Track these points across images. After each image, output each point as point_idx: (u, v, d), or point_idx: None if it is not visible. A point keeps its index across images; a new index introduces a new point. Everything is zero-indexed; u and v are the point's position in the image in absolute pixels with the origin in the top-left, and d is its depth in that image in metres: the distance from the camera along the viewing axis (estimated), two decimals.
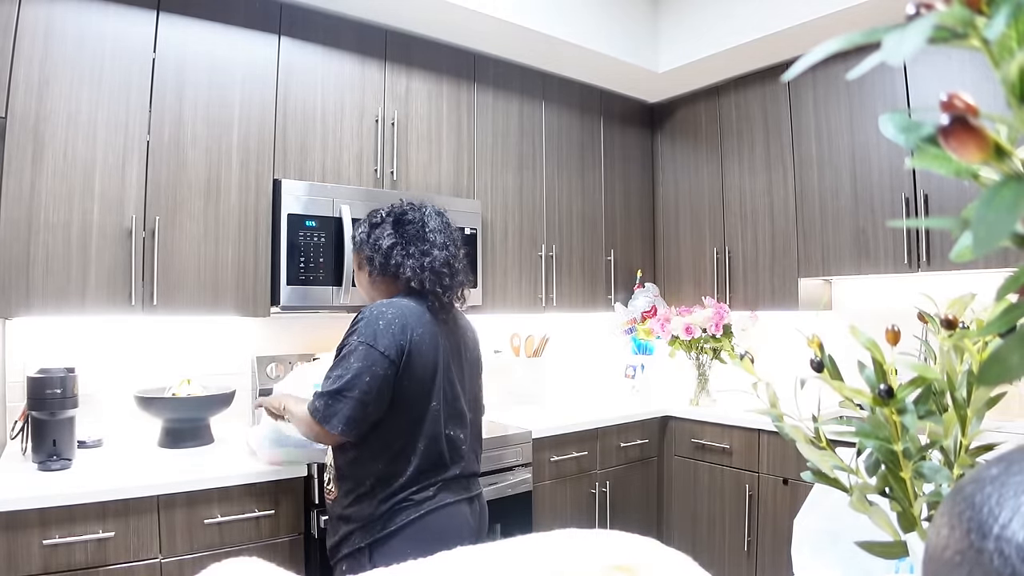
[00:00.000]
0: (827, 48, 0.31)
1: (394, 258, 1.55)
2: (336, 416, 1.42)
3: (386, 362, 1.43)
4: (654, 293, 3.31)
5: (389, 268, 1.56)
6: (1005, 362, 0.28)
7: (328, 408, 1.42)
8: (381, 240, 1.57)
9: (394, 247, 1.56)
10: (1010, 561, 0.25)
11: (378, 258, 1.57)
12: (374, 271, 1.58)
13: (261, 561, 0.46)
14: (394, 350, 1.45)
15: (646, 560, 0.42)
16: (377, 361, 1.43)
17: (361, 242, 1.62)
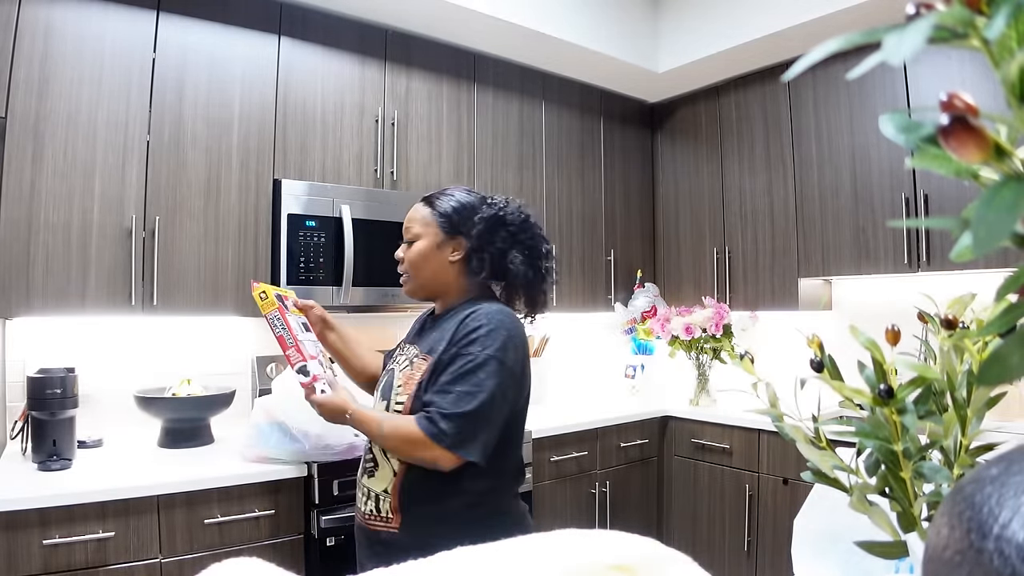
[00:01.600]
0: (827, 48, 0.31)
1: (513, 263, 1.39)
2: (474, 443, 1.26)
3: (513, 379, 1.32)
4: (654, 293, 3.31)
5: (499, 271, 1.40)
6: (1005, 362, 0.28)
7: (463, 432, 1.25)
8: (497, 239, 1.40)
9: (513, 251, 1.40)
10: (1010, 561, 0.25)
11: (489, 256, 1.39)
12: (477, 267, 1.40)
13: (261, 561, 0.46)
14: (519, 366, 1.34)
15: (646, 560, 0.42)
16: (507, 379, 1.30)
17: (478, 235, 1.39)
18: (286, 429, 1.86)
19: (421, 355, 1.39)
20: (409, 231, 1.45)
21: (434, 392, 1.30)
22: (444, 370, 1.31)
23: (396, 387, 1.38)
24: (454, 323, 1.36)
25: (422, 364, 1.36)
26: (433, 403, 1.28)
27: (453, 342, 1.32)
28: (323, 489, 1.89)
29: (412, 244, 1.44)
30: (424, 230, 1.43)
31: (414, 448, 1.28)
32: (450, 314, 1.42)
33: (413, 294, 1.47)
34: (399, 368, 1.41)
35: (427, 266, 1.43)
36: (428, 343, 1.40)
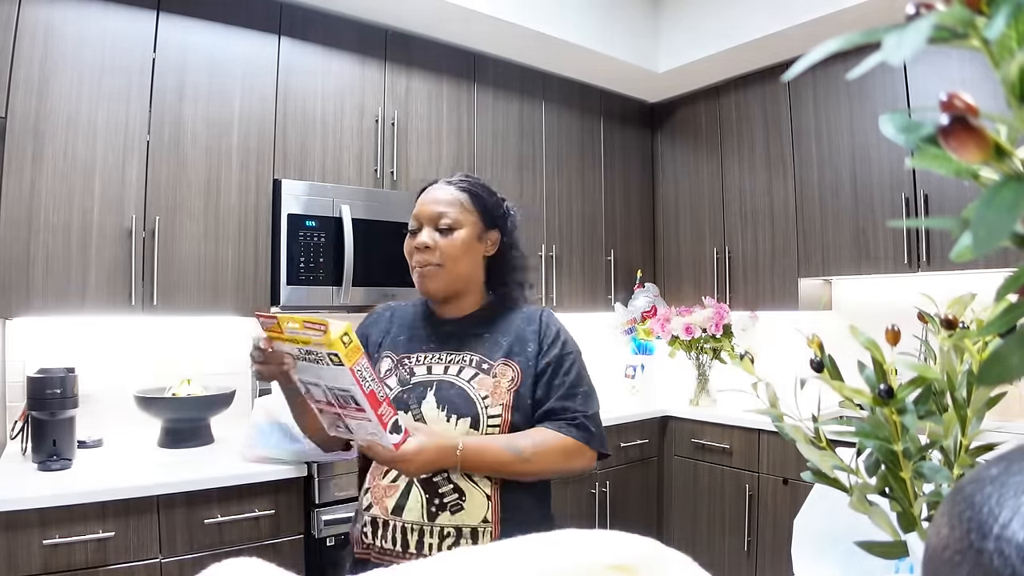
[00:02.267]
0: (827, 48, 0.31)
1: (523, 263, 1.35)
2: (606, 439, 1.26)
3: None
4: (654, 293, 3.31)
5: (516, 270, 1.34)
6: (1005, 362, 0.28)
7: (600, 430, 1.25)
8: (517, 237, 1.34)
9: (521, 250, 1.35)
10: (1010, 561, 0.25)
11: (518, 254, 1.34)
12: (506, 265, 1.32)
13: (261, 561, 0.46)
14: None
15: (646, 560, 0.42)
16: None
17: (509, 230, 1.32)
18: (286, 429, 1.86)
19: (494, 361, 1.22)
20: (445, 216, 1.24)
21: (558, 397, 1.22)
22: (553, 373, 1.23)
23: (481, 398, 1.18)
24: (523, 323, 1.27)
25: (505, 371, 1.21)
26: (567, 408, 1.21)
27: (545, 343, 1.25)
28: (323, 489, 1.90)
29: (447, 232, 1.24)
30: (464, 217, 1.25)
31: (570, 459, 1.21)
32: (492, 314, 1.30)
33: (439, 291, 1.25)
34: (463, 379, 1.20)
35: (466, 259, 1.26)
36: (486, 347, 1.24)
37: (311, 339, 0.94)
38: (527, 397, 1.21)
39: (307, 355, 0.98)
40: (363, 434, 1.05)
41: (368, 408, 0.99)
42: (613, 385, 3.31)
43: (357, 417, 1.01)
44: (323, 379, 1.00)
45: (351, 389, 0.97)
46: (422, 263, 1.24)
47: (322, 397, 1.04)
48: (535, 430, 1.19)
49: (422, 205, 1.27)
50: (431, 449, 1.08)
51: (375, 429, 1.01)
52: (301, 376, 1.04)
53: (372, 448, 1.06)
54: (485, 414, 1.17)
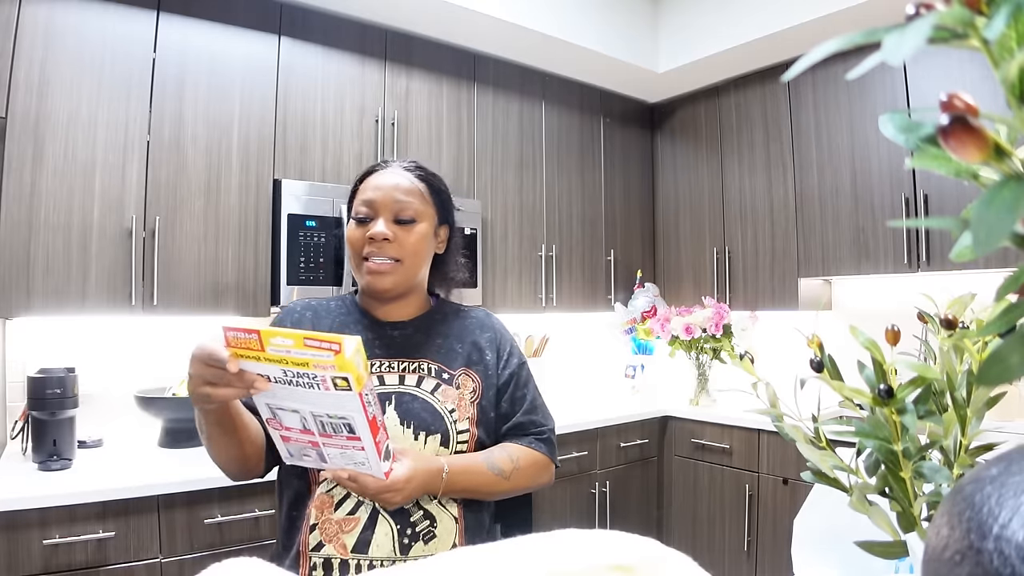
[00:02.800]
0: (827, 48, 0.31)
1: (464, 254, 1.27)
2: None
3: None
4: (654, 293, 3.31)
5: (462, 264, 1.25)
6: (1005, 362, 0.28)
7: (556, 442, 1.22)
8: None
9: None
10: (1010, 561, 0.25)
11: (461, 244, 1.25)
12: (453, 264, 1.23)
13: (261, 561, 0.46)
14: None
15: (646, 560, 0.42)
16: None
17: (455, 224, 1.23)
18: None
19: (454, 370, 1.12)
20: (408, 208, 1.11)
21: (524, 411, 1.16)
22: (515, 385, 1.17)
23: (448, 412, 1.08)
24: (475, 328, 1.18)
25: (467, 381, 1.12)
26: (534, 422, 1.17)
27: (504, 352, 1.17)
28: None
29: (408, 224, 1.11)
30: (424, 209, 1.14)
31: (540, 476, 1.17)
32: (442, 318, 1.19)
33: (392, 290, 1.11)
34: (424, 390, 1.09)
35: (425, 256, 1.15)
36: (443, 355, 1.13)
37: (310, 360, 0.78)
38: (490, 410, 1.14)
39: (295, 378, 0.81)
40: (343, 463, 0.91)
41: (367, 436, 0.86)
42: (613, 385, 3.31)
43: (345, 446, 0.88)
44: (309, 405, 0.85)
45: (351, 416, 0.84)
46: (376, 256, 1.09)
47: (295, 424, 0.89)
48: (508, 446, 1.13)
49: (378, 191, 1.11)
50: (421, 474, 0.97)
51: (367, 458, 0.89)
52: (271, 401, 0.87)
53: (356, 479, 0.91)
54: (454, 429, 1.07)
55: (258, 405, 0.90)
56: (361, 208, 1.12)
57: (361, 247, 1.10)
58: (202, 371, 0.85)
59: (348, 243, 1.12)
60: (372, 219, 1.10)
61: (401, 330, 1.14)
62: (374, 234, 1.08)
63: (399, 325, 1.15)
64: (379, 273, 1.09)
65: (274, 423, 0.91)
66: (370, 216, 1.11)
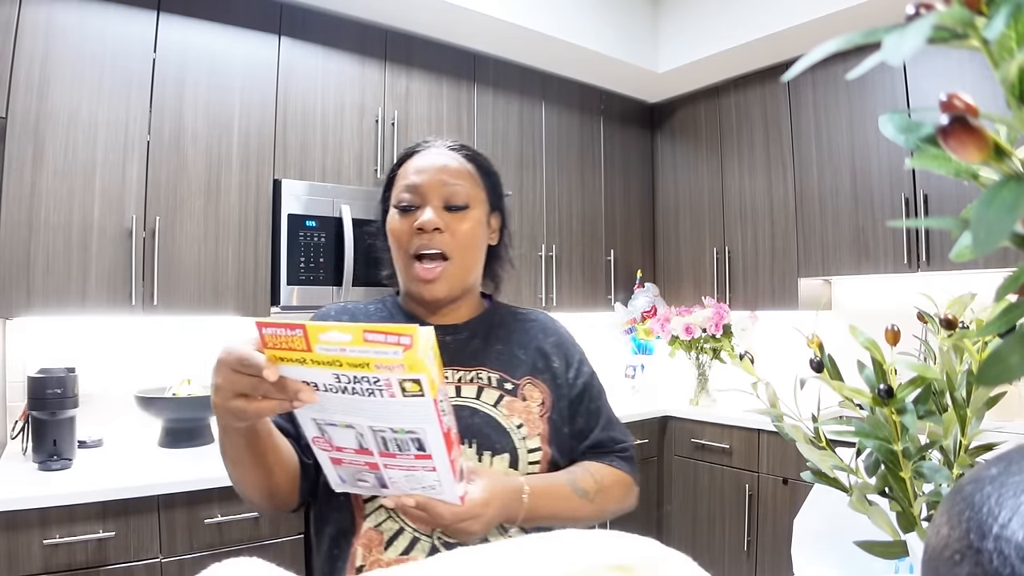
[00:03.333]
0: (827, 48, 0.31)
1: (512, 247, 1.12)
2: None
3: None
4: (654, 293, 3.31)
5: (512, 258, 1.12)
6: (1005, 362, 0.28)
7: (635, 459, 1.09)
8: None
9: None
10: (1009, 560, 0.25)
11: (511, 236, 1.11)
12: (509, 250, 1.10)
13: (261, 561, 0.46)
14: None
15: (646, 560, 0.42)
16: None
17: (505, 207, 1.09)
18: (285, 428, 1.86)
19: (518, 380, 0.97)
20: (459, 192, 0.95)
21: (602, 427, 1.03)
22: (589, 397, 1.03)
23: (516, 427, 0.93)
24: (537, 332, 1.04)
25: (533, 392, 0.97)
26: (615, 439, 1.03)
27: (573, 359, 1.04)
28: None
29: (459, 211, 0.95)
30: (476, 194, 0.99)
31: (626, 498, 1.02)
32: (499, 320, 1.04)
33: (450, 294, 0.96)
34: (486, 403, 0.94)
35: (478, 250, 1.00)
36: (504, 362, 0.99)
37: (371, 360, 0.61)
38: (562, 425, 0.98)
39: (351, 384, 0.64)
40: (408, 488, 0.75)
41: (440, 454, 0.69)
42: (613, 385, 3.31)
43: (413, 467, 0.72)
44: (368, 418, 0.68)
45: (422, 429, 0.67)
46: (427, 251, 0.93)
47: (349, 443, 0.72)
48: (588, 464, 0.98)
49: (423, 174, 0.95)
50: (499, 497, 0.80)
51: (438, 479, 0.72)
52: (319, 415, 0.70)
53: (426, 507, 0.74)
54: (524, 447, 0.92)
55: (302, 421, 0.72)
56: (404, 195, 0.95)
57: (407, 240, 0.94)
58: (232, 380, 0.66)
59: (392, 236, 0.97)
60: (418, 207, 0.94)
61: (455, 335, 0.99)
62: (423, 223, 0.92)
63: (452, 329, 0.99)
64: (430, 281, 0.93)
65: (322, 442, 0.74)
66: (415, 203, 0.94)
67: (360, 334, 0.61)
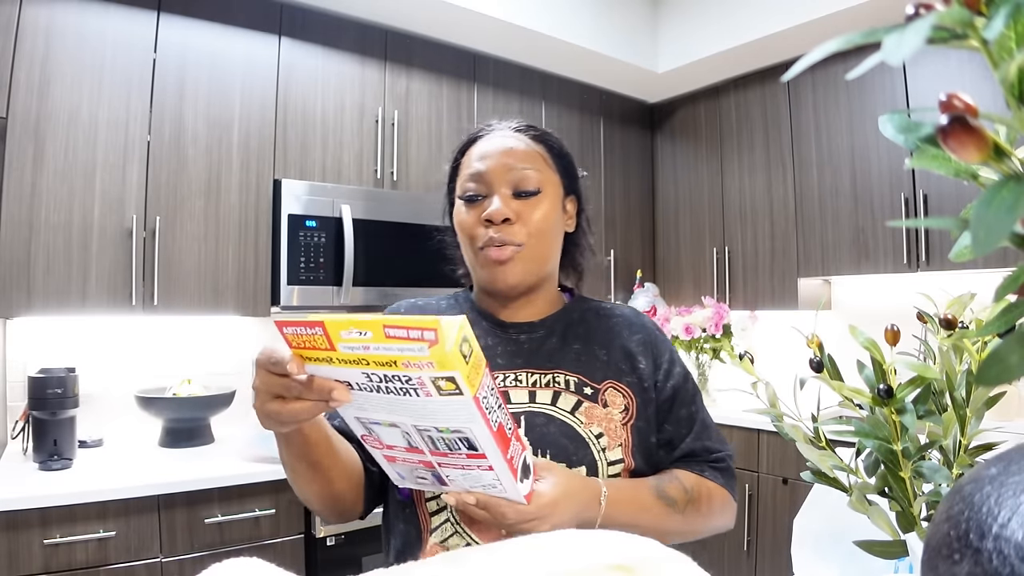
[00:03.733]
0: (826, 48, 0.31)
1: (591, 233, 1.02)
2: None
3: None
4: (654, 293, 3.31)
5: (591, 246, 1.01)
6: (1004, 362, 0.28)
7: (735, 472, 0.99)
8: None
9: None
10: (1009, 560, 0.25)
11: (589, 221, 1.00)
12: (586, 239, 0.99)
13: (261, 561, 0.46)
14: None
15: (646, 560, 0.42)
16: None
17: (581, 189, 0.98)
18: None
19: (598, 384, 0.88)
20: (529, 177, 0.87)
21: (695, 435, 0.93)
22: (680, 401, 0.94)
23: (595, 437, 0.84)
24: (623, 329, 0.94)
25: (615, 398, 0.88)
26: (709, 449, 0.94)
27: (662, 360, 0.94)
28: None
29: (530, 198, 0.87)
30: (548, 177, 0.90)
31: (721, 515, 0.92)
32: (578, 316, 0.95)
33: (524, 280, 0.88)
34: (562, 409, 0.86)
35: (553, 238, 0.91)
36: (583, 364, 0.90)
37: (397, 357, 0.55)
38: (649, 434, 0.89)
39: (383, 383, 0.59)
40: (468, 486, 0.69)
41: (494, 452, 0.63)
42: None
43: (468, 466, 0.66)
44: (409, 417, 0.62)
45: (469, 428, 0.61)
46: (499, 243, 0.85)
47: (398, 441, 0.67)
48: (679, 473, 0.89)
49: (488, 160, 0.88)
50: (573, 497, 0.72)
51: (498, 478, 0.66)
52: (361, 414, 0.66)
53: (487, 506, 0.68)
54: (604, 459, 0.83)
55: (348, 421, 0.68)
56: (469, 185, 0.88)
57: (476, 233, 0.87)
58: (266, 381, 0.62)
59: (459, 229, 0.90)
60: (485, 196, 0.87)
61: (529, 334, 0.92)
62: (491, 214, 0.85)
63: (527, 327, 0.92)
64: (501, 263, 0.85)
65: (372, 440, 0.70)
66: (482, 193, 0.87)
67: (380, 330, 0.55)
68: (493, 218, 0.85)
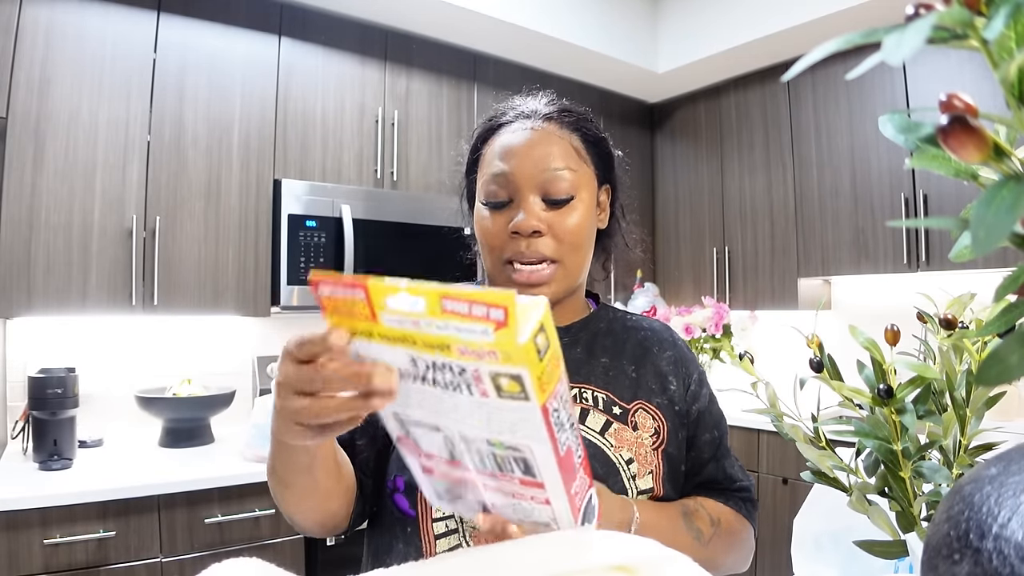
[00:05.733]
0: (826, 48, 0.31)
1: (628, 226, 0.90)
2: None
3: None
4: (654, 293, 3.31)
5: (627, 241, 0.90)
6: (1004, 362, 0.28)
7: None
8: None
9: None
10: (1008, 560, 0.25)
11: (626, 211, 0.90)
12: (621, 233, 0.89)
13: (261, 561, 0.46)
14: None
15: (646, 560, 0.42)
16: None
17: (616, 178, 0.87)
18: None
19: (627, 404, 0.80)
20: (561, 181, 0.76)
21: (715, 459, 0.85)
22: (704, 425, 0.85)
23: (625, 462, 0.76)
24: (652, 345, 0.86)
25: (646, 420, 0.80)
26: (733, 477, 0.87)
27: (691, 382, 0.86)
28: None
29: (562, 205, 0.77)
30: (582, 173, 0.79)
31: (741, 548, 0.88)
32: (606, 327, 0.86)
33: (555, 294, 0.79)
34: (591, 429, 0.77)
35: (590, 244, 0.82)
36: (611, 380, 0.81)
37: (453, 340, 0.41)
38: (679, 462, 0.82)
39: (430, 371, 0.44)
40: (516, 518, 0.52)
41: (556, 482, 0.47)
42: None
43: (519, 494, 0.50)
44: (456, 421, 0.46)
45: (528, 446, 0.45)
46: (528, 260, 0.75)
47: (438, 450, 0.51)
48: (703, 500, 0.83)
49: (514, 159, 0.76)
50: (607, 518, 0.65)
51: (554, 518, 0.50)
52: (402, 409, 0.49)
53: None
54: (634, 488, 0.76)
55: (383, 417, 0.51)
56: (492, 188, 0.77)
57: (501, 243, 0.77)
58: (292, 374, 0.46)
59: (481, 236, 0.80)
60: (511, 201, 0.77)
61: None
62: (519, 225, 0.74)
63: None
64: (534, 286, 0.76)
65: (409, 444, 0.53)
66: (507, 198, 0.77)
67: (437, 301, 0.40)
68: (521, 230, 0.74)
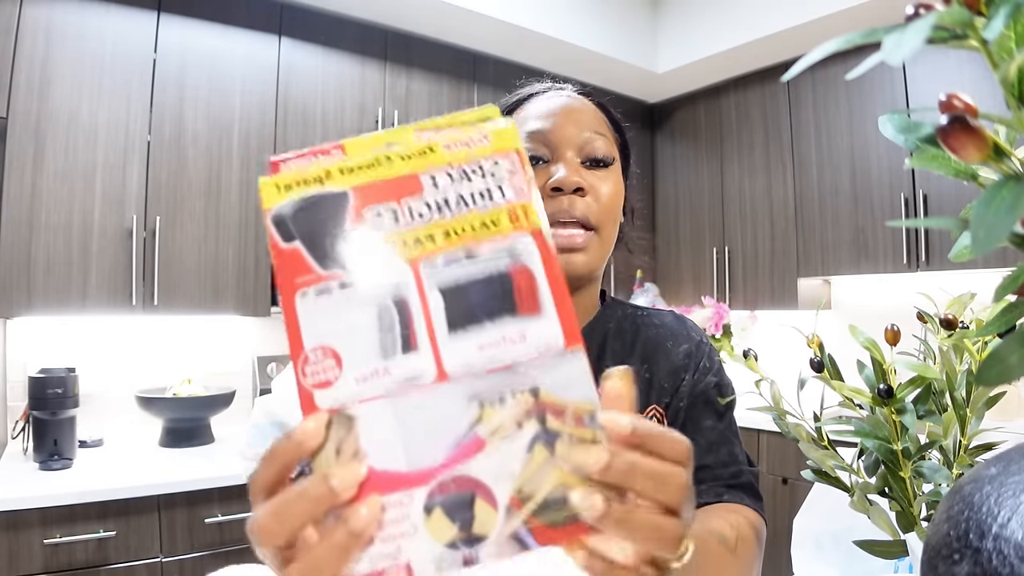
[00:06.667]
0: (826, 48, 0.31)
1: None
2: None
3: None
4: (654, 293, 3.31)
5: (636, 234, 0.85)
6: (1004, 362, 0.28)
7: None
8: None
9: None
10: (1008, 560, 0.25)
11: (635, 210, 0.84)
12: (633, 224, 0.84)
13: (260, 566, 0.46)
14: None
15: None
16: None
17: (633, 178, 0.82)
18: (287, 428, 1.86)
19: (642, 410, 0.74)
20: (600, 143, 0.71)
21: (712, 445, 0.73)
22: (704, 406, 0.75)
23: None
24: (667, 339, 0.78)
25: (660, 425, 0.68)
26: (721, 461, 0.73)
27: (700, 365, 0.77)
28: None
29: (602, 168, 0.72)
30: (615, 152, 0.74)
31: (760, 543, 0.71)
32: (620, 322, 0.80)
33: (590, 271, 0.73)
34: None
35: (618, 222, 0.77)
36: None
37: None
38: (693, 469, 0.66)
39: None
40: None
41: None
42: None
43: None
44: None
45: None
46: (566, 218, 0.68)
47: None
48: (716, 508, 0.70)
49: (553, 118, 0.71)
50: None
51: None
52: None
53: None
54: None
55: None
56: (527, 144, 0.70)
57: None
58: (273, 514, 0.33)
59: None
60: (547, 161, 0.70)
61: None
62: (561, 182, 0.67)
63: None
64: (572, 251, 0.68)
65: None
66: (543, 156, 0.70)
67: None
68: (564, 186, 0.67)
